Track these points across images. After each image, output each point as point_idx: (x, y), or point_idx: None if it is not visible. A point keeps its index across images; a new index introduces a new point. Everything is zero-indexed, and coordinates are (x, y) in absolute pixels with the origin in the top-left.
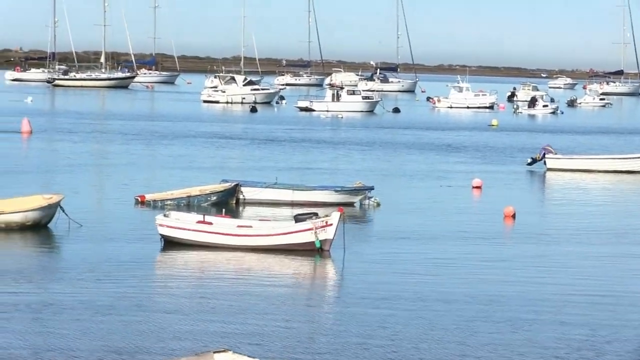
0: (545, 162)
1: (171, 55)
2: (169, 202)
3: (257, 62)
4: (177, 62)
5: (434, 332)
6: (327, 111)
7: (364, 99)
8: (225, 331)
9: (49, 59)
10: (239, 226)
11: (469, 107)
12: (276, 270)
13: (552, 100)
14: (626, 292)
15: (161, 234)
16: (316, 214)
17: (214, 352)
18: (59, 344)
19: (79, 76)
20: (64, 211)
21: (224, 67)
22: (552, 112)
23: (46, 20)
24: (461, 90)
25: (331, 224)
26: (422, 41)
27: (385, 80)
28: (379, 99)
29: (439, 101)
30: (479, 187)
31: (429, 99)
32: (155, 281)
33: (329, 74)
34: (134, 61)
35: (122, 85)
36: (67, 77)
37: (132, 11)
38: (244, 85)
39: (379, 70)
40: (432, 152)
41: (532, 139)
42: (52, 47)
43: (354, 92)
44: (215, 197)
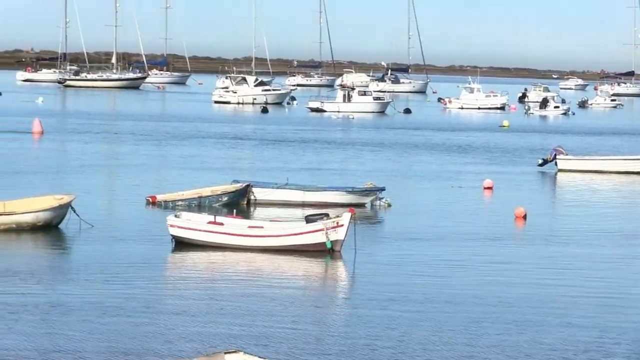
0: (556, 163)
1: (182, 55)
2: (180, 203)
3: (268, 62)
4: (188, 63)
5: (441, 333)
6: (338, 112)
7: (375, 99)
8: (233, 333)
9: (60, 60)
10: (250, 227)
11: (480, 108)
12: (287, 271)
13: (564, 101)
14: (636, 295)
15: (172, 235)
16: (327, 215)
17: (225, 352)
18: (66, 345)
19: (90, 77)
20: (75, 212)
21: (235, 68)
22: (564, 113)
23: (57, 20)
24: (472, 91)
25: (342, 225)
26: (433, 42)
27: (396, 81)
28: (390, 100)
29: (450, 102)
30: (490, 188)
31: (440, 99)
32: (164, 282)
33: (340, 75)
34: (145, 62)
35: (133, 85)
36: (78, 77)
37: (143, 12)
38: (255, 85)
39: (390, 71)
40: (443, 153)
41: (543, 140)
42: (64, 48)
43: (365, 93)
44: (226, 198)
